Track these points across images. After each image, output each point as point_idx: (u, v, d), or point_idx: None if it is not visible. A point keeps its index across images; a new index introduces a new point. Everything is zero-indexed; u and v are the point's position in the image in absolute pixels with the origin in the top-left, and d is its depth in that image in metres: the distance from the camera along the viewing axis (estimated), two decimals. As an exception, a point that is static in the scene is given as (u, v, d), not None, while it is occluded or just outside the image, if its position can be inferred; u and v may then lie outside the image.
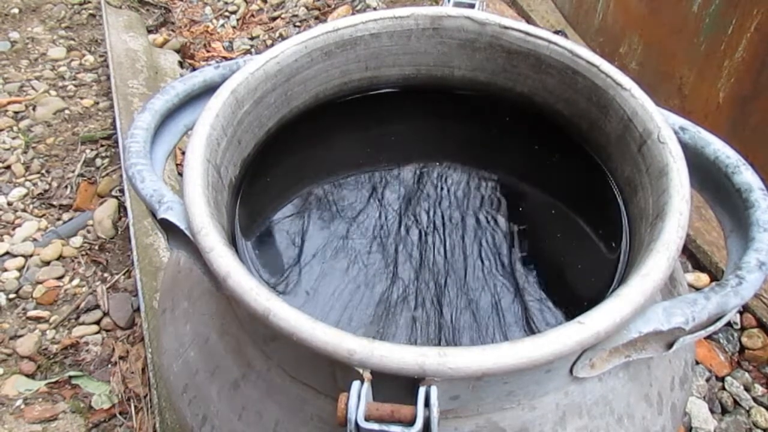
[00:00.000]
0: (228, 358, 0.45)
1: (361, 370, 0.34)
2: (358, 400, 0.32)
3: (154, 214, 0.44)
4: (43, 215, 1.19)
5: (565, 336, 0.34)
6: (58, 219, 1.19)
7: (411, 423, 0.32)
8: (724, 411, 0.89)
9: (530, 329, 0.48)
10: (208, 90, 0.54)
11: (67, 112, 1.41)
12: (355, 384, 0.33)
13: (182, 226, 0.41)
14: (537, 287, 0.51)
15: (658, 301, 0.39)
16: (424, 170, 0.61)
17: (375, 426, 0.32)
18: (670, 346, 0.39)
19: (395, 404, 0.33)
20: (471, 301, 0.50)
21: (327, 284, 0.51)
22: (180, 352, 0.49)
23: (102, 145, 1.34)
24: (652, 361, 0.45)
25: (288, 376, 0.42)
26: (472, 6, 0.59)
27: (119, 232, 1.16)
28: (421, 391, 0.33)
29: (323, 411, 0.41)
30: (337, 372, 0.37)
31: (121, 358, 0.97)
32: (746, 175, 0.45)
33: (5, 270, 1.09)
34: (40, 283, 1.07)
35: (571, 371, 0.39)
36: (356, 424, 0.32)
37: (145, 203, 0.44)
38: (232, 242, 0.52)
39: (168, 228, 0.43)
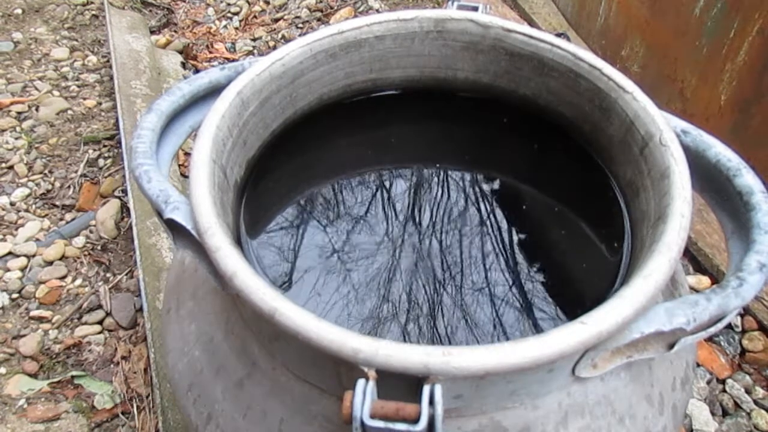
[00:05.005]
0: (233, 357, 0.46)
1: (365, 369, 0.34)
2: (363, 398, 0.32)
3: (160, 214, 0.44)
4: (46, 215, 1.20)
5: (567, 336, 0.35)
6: (61, 219, 1.19)
7: (415, 421, 0.32)
8: (725, 413, 0.89)
9: (533, 329, 0.48)
10: (213, 91, 0.55)
11: (69, 112, 1.41)
12: (360, 382, 0.33)
13: (188, 226, 0.42)
14: (539, 288, 0.51)
15: (659, 303, 0.40)
16: (427, 171, 0.62)
17: (380, 424, 0.32)
18: (671, 346, 0.40)
19: (400, 402, 0.33)
20: (474, 301, 0.50)
21: (331, 284, 0.51)
22: (185, 351, 0.50)
23: (105, 146, 1.34)
24: (653, 361, 0.46)
25: (293, 375, 0.42)
26: (475, 9, 0.60)
27: (122, 233, 1.16)
28: (426, 389, 0.33)
29: (328, 410, 0.41)
30: (341, 371, 0.37)
31: (123, 358, 0.98)
32: (747, 178, 0.46)
33: (8, 270, 1.09)
34: (43, 283, 1.07)
35: (573, 371, 0.40)
36: (362, 421, 0.32)
37: (151, 203, 0.45)
38: (238, 242, 0.52)
39: (174, 228, 0.43)
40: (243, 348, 0.45)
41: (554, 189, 0.60)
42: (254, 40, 1.68)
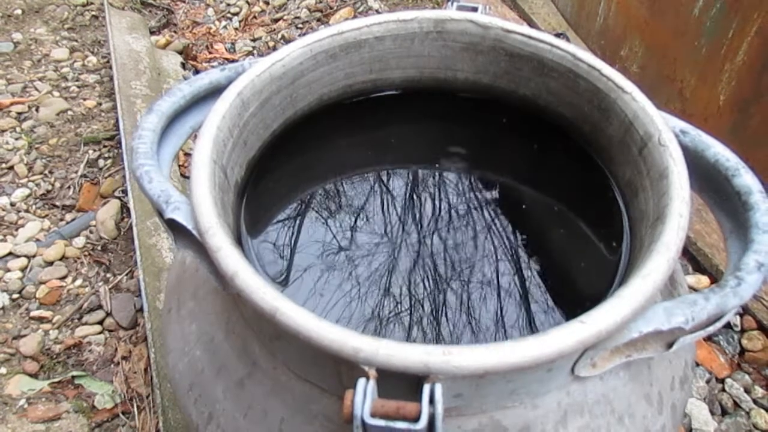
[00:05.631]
0: (233, 357, 0.46)
1: (366, 368, 0.34)
2: (363, 397, 0.33)
3: (161, 215, 0.44)
4: (46, 216, 1.20)
5: (566, 335, 0.35)
6: (61, 219, 1.20)
7: (416, 420, 0.32)
8: (724, 412, 0.89)
9: (532, 329, 0.48)
10: (214, 92, 0.55)
11: (70, 113, 1.41)
12: (361, 381, 0.33)
13: (189, 226, 0.42)
14: (539, 287, 0.51)
15: (658, 302, 0.40)
16: (427, 172, 0.62)
17: (381, 422, 0.32)
18: (670, 345, 0.40)
19: (400, 401, 0.33)
20: (473, 301, 0.50)
21: (332, 283, 0.51)
22: (185, 351, 0.50)
23: (105, 146, 1.34)
24: (652, 361, 0.46)
25: (293, 375, 0.43)
26: (475, 9, 0.60)
27: (122, 233, 1.16)
28: (426, 388, 0.33)
29: (328, 409, 0.41)
30: (342, 370, 0.37)
31: (123, 358, 0.98)
32: (746, 178, 0.46)
33: (8, 270, 1.09)
34: (43, 283, 1.08)
35: (572, 370, 0.40)
36: (362, 420, 0.32)
37: (152, 203, 0.45)
38: (238, 242, 0.52)
39: (175, 228, 0.43)
40: (244, 348, 0.46)
41: (554, 189, 0.60)
42: (254, 40, 1.69)
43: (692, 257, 1.06)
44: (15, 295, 1.06)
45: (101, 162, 1.30)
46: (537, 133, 0.62)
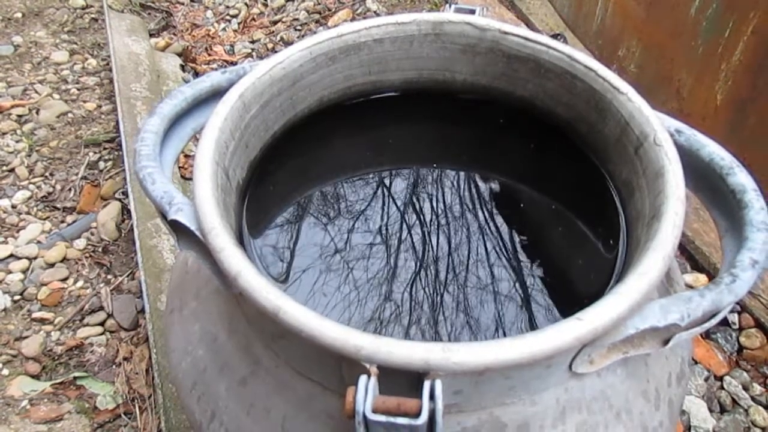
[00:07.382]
0: (236, 356, 0.47)
1: (367, 365, 0.35)
2: (365, 393, 0.33)
3: (164, 216, 0.45)
4: (47, 218, 1.20)
5: (564, 332, 0.36)
6: (62, 221, 1.20)
7: (416, 415, 0.33)
8: (723, 410, 0.90)
9: (530, 326, 0.49)
10: (215, 94, 0.56)
11: (70, 115, 1.42)
12: (362, 378, 0.34)
13: (192, 227, 0.43)
14: (537, 286, 0.52)
15: (655, 299, 0.40)
16: (425, 172, 0.62)
17: (382, 418, 0.33)
18: (666, 342, 0.41)
19: (401, 398, 0.34)
20: (472, 299, 0.51)
21: (333, 282, 0.52)
22: (188, 350, 0.51)
23: (105, 148, 1.35)
24: (649, 357, 0.46)
25: (296, 373, 0.43)
26: (472, 12, 0.60)
27: (122, 234, 1.17)
28: (426, 384, 0.34)
29: (330, 407, 0.42)
30: (344, 368, 0.38)
31: (125, 359, 0.98)
32: (740, 177, 0.46)
33: (10, 272, 1.10)
34: (45, 284, 1.08)
35: (570, 367, 0.40)
36: (364, 416, 0.33)
37: (155, 205, 0.45)
38: (240, 243, 0.53)
39: (178, 229, 0.44)
40: (246, 346, 0.46)
41: (552, 189, 0.61)
42: (253, 42, 1.69)
43: (690, 256, 1.06)
44: (17, 297, 1.06)
45: (102, 164, 1.31)
46: (534, 133, 0.63)
